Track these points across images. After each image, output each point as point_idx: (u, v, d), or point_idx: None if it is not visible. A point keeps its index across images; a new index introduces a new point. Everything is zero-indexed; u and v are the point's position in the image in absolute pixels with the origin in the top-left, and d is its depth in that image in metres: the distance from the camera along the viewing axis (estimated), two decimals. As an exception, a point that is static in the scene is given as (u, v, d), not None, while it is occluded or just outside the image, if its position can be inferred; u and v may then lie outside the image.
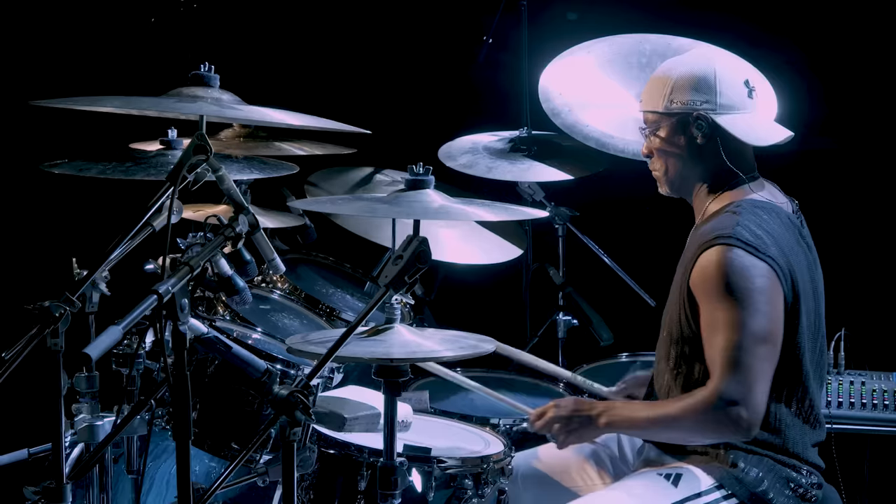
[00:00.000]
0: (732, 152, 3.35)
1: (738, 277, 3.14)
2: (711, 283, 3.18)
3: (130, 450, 3.41)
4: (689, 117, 3.34)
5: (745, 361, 3.10)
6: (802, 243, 3.37)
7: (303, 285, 4.42)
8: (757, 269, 3.15)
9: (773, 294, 3.16)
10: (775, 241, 3.22)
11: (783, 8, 5.41)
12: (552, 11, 5.43)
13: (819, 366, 3.36)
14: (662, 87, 3.38)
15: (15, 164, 5.13)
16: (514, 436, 3.99)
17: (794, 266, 3.24)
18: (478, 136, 4.64)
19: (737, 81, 3.36)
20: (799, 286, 3.23)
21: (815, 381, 3.33)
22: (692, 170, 3.41)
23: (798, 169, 5.31)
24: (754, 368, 3.11)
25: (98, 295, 3.12)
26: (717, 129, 3.32)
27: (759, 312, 3.13)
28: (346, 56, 5.91)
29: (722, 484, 3.24)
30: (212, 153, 2.79)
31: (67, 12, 5.54)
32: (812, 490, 3.28)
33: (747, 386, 3.10)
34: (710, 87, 3.32)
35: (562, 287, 4.68)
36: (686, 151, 3.39)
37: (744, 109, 3.35)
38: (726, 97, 3.32)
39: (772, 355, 3.16)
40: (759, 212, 3.28)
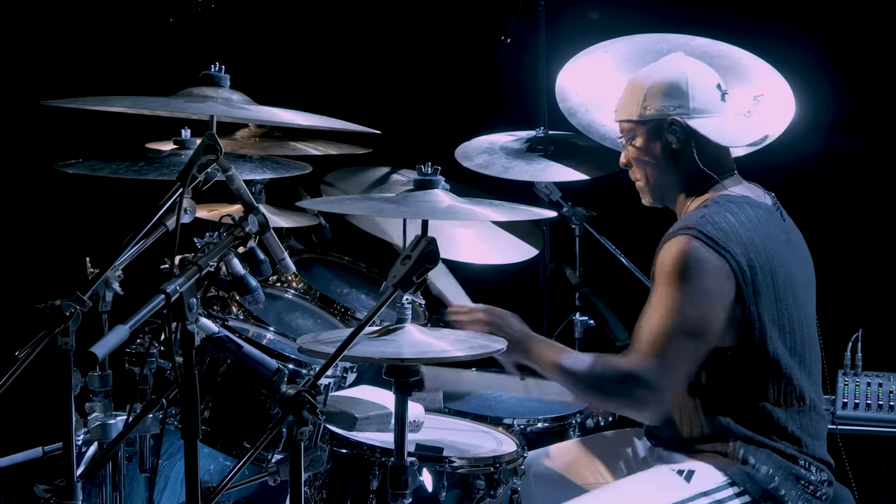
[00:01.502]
0: (708, 155, 3.41)
1: (688, 268, 3.21)
2: (663, 269, 3.26)
3: (143, 448, 3.43)
4: (664, 123, 3.41)
5: (668, 350, 3.18)
6: (783, 237, 3.38)
7: (317, 285, 4.41)
8: (709, 264, 3.20)
9: (718, 292, 3.20)
10: (740, 236, 3.24)
11: (807, 6, 5.38)
12: (570, 11, 5.42)
13: (808, 358, 3.35)
14: (636, 95, 3.45)
15: (30, 163, 5.15)
16: (529, 436, 3.99)
17: (770, 258, 3.27)
18: (494, 136, 4.64)
19: (709, 85, 3.43)
20: (770, 277, 3.26)
21: (804, 374, 3.32)
22: (670, 176, 3.47)
23: (823, 169, 5.30)
24: (673, 359, 3.19)
25: (111, 294, 3.13)
26: (692, 132, 3.38)
27: (695, 305, 3.19)
28: (363, 56, 5.92)
29: (734, 481, 3.26)
30: (222, 153, 2.81)
31: (83, 12, 5.57)
32: (822, 487, 3.29)
33: (661, 371, 3.17)
34: (683, 92, 3.39)
35: (578, 287, 4.66)
36: (662, 158, 3.45)
37: (716, 112, 3.41)
38: (699, 101, 3.39)
39: (696, 349, 3.21)
40: (730, 206, 3.32)
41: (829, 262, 3.66)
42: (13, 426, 4.14)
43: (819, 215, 3.70)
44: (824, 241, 3.68)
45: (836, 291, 3.69)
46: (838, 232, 3.61)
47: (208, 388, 3.50)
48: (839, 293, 3.74)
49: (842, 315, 4.13)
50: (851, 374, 4.35)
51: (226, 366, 3.49)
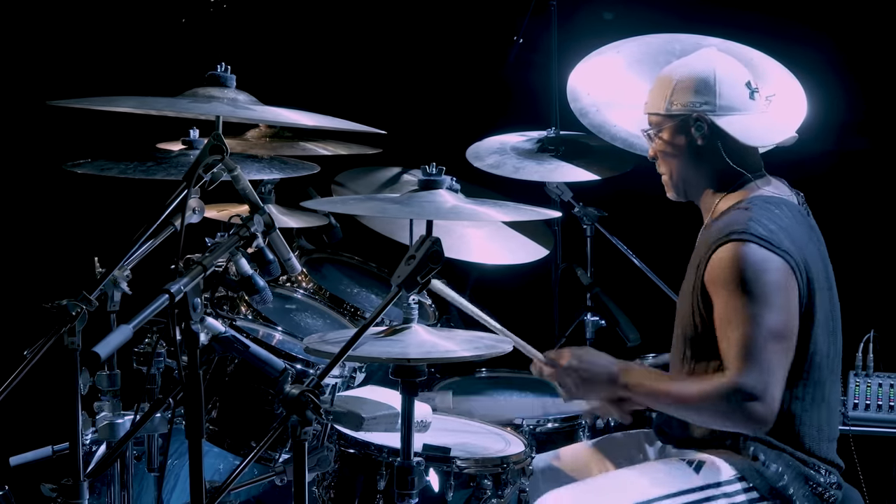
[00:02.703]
0: (735, 152, 3.38)
1: (753, 272, 3.15)
2: (726, 278, 3.18)
3: (151, 448, 3.43)
4: (689, 118, 3.37)
5: (762, 356, 3.10)
6: (813, 235, 3.37)
7: (327, 285, 4.43)
8: (771, 263, 3.16)
9: (788, 289, 3.17)
10: (788, 235, 3.22)
11: (820, 7, 5.36)
12: (582, 11, 5.41)
13: (834, 361, 3.34)
14: (664, 89, 3.43)
15: (39, 164, 5.17)
16: (539, 436, 3.99)
17: (808, 258, 3.24)
18: (506, 137, 4.64)
19: (738, 83, 3.39)
20: (813, 279, 3.23)
21: (830, 377, 3.31)
22: (695, 171, 3.44)
23: (834, 169, 5.28)
24: (770, 363, 3.11)
25: (120, 294, 3.13)
26: (717, 129, 3.35)
27: (775, 307, 3.13)
28: (375, 57, 5.92)
29: (744, 476, 3.25)
30: (227, 153, 2.82)
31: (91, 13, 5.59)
32: (831, 490, 3.27)
33: (763, 381, 3.09)
34: (710, 89, 3.36)
35: (589, 287, 4.65)
36: (687, 153, 3.42)
37: (744, 110, 3.38)
38: (726, 98, 3.35)
39: (787, 351, 3.16)
40: (770, 206, 3.29)
41: (840, 262, 3.64)
42: (24, 425, 4.16)
43: (830, 216, 3.67)
44: (836, 242, 3.65)
45: (848, 292, 3.66)
46: (849, 232, 3.59)
47: (216, 388, 3.51)
48: (851, 294, 3.72)
49: (853, 316, 4.09)
50: (863, 374, 4.34)
51: (233, 366, 3.50)
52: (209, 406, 3.52)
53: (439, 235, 2.93)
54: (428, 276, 2.83)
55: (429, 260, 2.81)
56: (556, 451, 3.75)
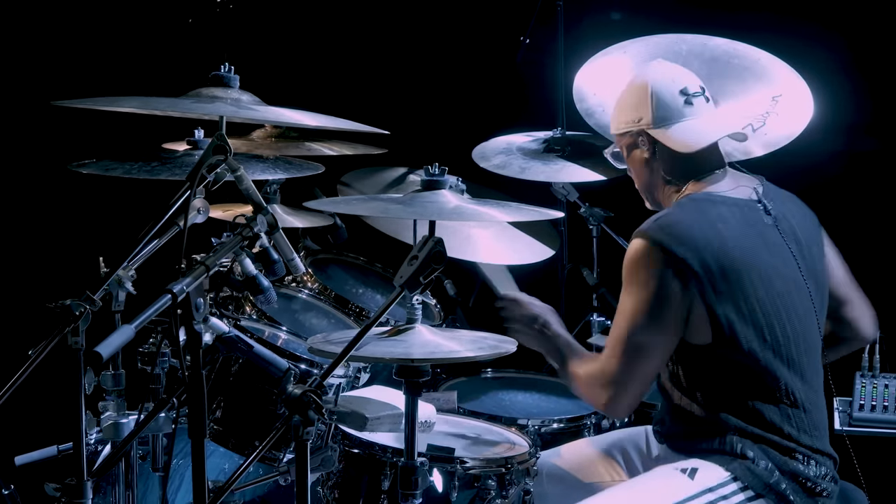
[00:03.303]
0: (676, 160, 3.46)
1: (636, 267, 3.30)
2: (624, 270, 3.35)
3: (156, 447, 3.44)
4: (633, 134, 3.51)
5: (623, 352, 3.28)
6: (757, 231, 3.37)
7: (333, 285, 4.43)
8: (657, 267, 3.25)
9: (668, 295, 3.24)
10: (699, 235, 3.26)
11: (829, 8, 5.35)
12: (588, 12, 5.41)
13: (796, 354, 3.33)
14: (616, 109, 3.58)
15: (45, 164, 5.18)
16: (545, 437, 3.99)
17: (736, 256, 3.27)
18: (512, 137, 4.63)
19: (670, 92, 3.46)
20: (736, 275, 3.26)
21: (789, 371, 3.31)
22: (653, 182, 3.55)
23: (842, 170, 5.27)
24: (628, 361, 3.29)
25: (124, 294, 3.14)
26: (655, 142, 3.47)
27: (647, 310, 3.26)
28: (381, 57, 5.92)
29: (737, 476, 3.26)
30: (231, 153, 2.82)
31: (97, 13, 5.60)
32: (822, 482, 3.27)
33: (620, 374, 3.30)
34: (644, 104, 3.47)
35: (595, 288, 4.67)
36: (641, 167, 3.56)
37: (679, 118, 3.45)
38: (660, 110, 3.45)
39: (650, 352, 3.30)
40: (690, 206, 3.36)
41: (848, 263, 3.64)
42: (29, 425, 4.16)
43: (838, 216, 3.67)
44: (843, 243, 3.65)
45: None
46: (857, 233, 3.59)
47: (221, 388, 3.51)
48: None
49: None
50: (869, 375, 4.32)
51: (238, 365, 3.50)
52: (213, 406, 3.52)
53: (445, 236, 2.94)
54: (431, 277, 2.83)
55: (431, 260, 2.82)
56: (558, 448, 3.76)
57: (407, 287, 2.83)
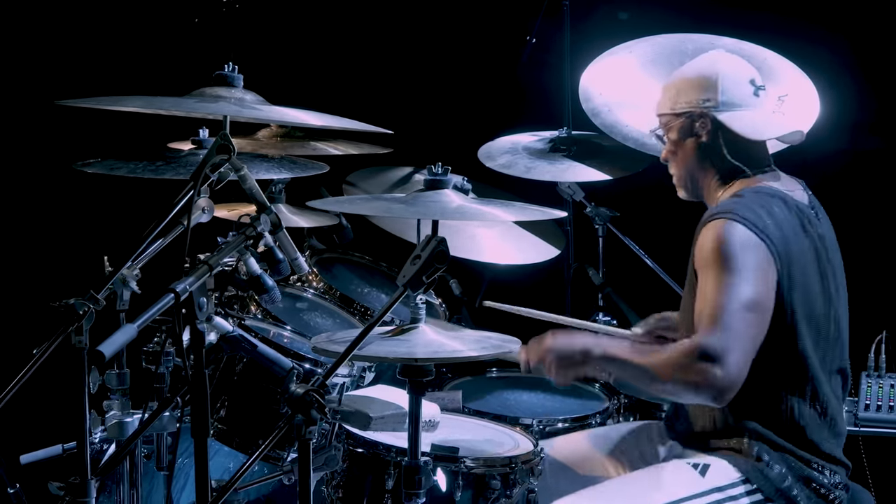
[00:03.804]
0: (737, 147, 3.41)
1: (732, 247, 3.18)
2: (707, 253, 3.22)
3: (160, 446, 3.44)
4: (693, 115, 3.42)
5: (728, 322, 3.08)
6: (811, 234, 3.36)
7: (338, 284, 4.43)
8: (752, 242, 3.19)
9: (765, 269, 3.18)
10: (776, 224, 3.24)
11: (833, 7, 5.35)
12: (595, 12, 5.41)
13: (829, 358, 3.33)
14: (672, 90, 3.49)
15: (50, 163, 5.19)
16: (550, 436, 3.98)
17: (792, 254, 3.25)
18: (518, 136, 4.64)
19: (741, 80, 3.42)
20: (794, 276, 3.23)
21: (825, 373, 3.31)
22: (701, 168, 3.47)
23: (847, 169, 5.27)
24: (737, 330, 3.09)
25: (129, 293, 3.14)
26: (719, 125, 3.39)
27: (748, 281, 3.15)
28: (389, 56, 5.93)
29: (748, 478, 3.25)
30: (234, 153, 2.82)
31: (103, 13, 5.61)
32: (835, 491, 3.27)
33: (726, 346, 3.05)
34: (713, 86, 3.40)
35: (601, 287, 4.66)
36: (694, 150, 3.46)
37: (747, 106, 3.40)
38: (728, 94, 3.39)
39: (756, 324, 3.14)
40: (763, 196, 3.32)
41: (852, 262, 3.63)
42: (35, 423, 4.17)
43: (842, 215, 3.66)
44: (847, 242, 3.65)
45: (860, 293, 3.66)
46: (862, 232, 3.58)
47: (225, 387, 3.52)
48: (863, 294, 3.71)
49: (865, 316, 4.08)
50: (875, 375, 4.31)
51: (242, 365, 3.51)
52: (218, 405, 3.52)
53: (450, 235, 2.94)
54: (434, 276, 2.83)
55: (434, 260, 2.81)
56: (551, 440, 3.74)
57: (410, 286, 2.82)
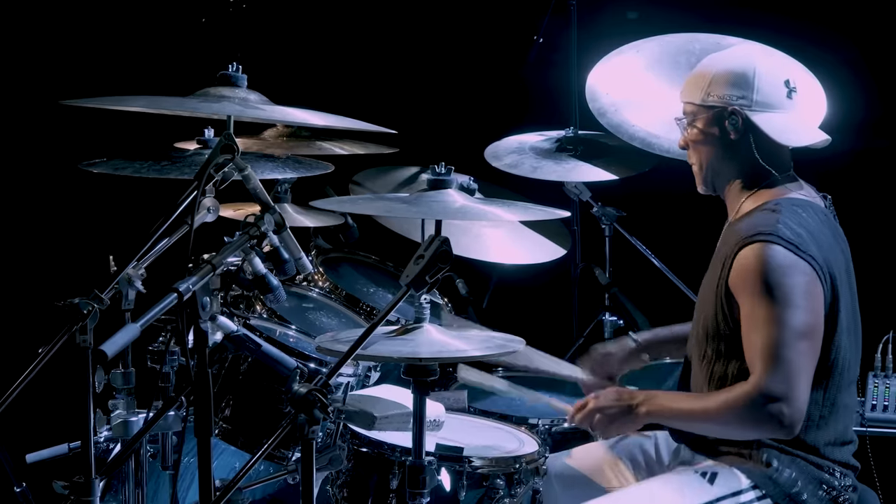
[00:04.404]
0: (766, 150, 3.33)
1: (779, 274, 3.12)
2: (751, 279, 3.15)
3: (166, 446, 3.45)
4: (724, 111, 3.33)
5: (787, 357, 3.07)
6: (839, 239, 3.35)
7: (344, 284, 4.43)
8: (797, 266, 3.13)
9: (812, 291, 3.14)
10: (814, 240, 3.19)
11: (839, 7, 5.34)
12: (602, 11, 5.41)
13: (854, 364, 3.32)
14: (702, 80, 3.38)
15: (56, 163, 5.21)
16: (555, 436, 3.98)
17: (832, 263, 3.22)
18: (524, 136, 4.63)
19: (776, 80, 3.34)
20: (837, 283, 3.21)
21: (847, 378, 3.29)
22: (725, 165, 3.40)
23: (854, 168, 5.26)
24: (796, 364, 3.08)
25: (134, 293, 3.14)
26: (751, 125, 3.30)
27: (800, 308, 3.10)
28: (396, 56, 5.93)
29: (757, 484, 3.23)
30: (238, 152, 2.83)
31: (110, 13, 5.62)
32: (845, 493, 3.26)
33: (789, 383, 3.06)
34: (748, 84, 3.30)
35: (607, 287, 4.66)
36: (719, 145, 3.37)
37: (780, 109, 3.33)
38: (763, 94, 3.30)
39: (812, 351, 3.13)
40: (797, 210, 3.25)
41: (859, 262, 3.63)
42: (42, 423, 4.18)
43: (849, 215, 3.66)
44: (854, 241, 3.64)
45: (868, 292, 3.65)
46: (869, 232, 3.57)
47: (230, 387, 3.53)
48: (870, 294, 3.70)
49: (873, 317, 4.07)
50: (882, 375, 4.31)
51: (247, 364, 3.51)
52: (223, 404, 3.53)
53: (456, 235, 2.94)
54: (437, 276, 2.83)
55: (437, 259, 2.80)
56: (570, 450, 3.74)
57: (413, 286, 2.82)
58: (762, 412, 3.08)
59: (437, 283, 2.86)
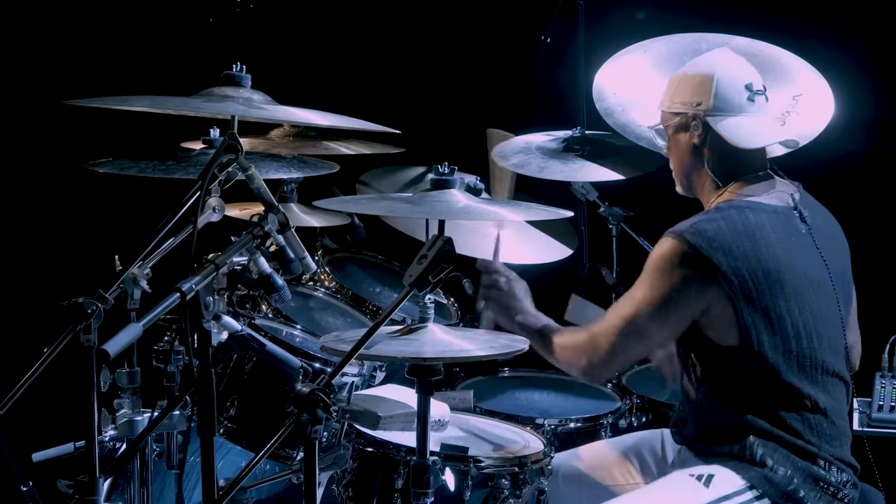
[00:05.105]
0: (728, 153, 3.41)
1: (662, 263, 3.27)
2: (648, 261, 3.32)
3: (171, 445, 3.45)
4: (687, 117, 3.44)
5: (623, 330, 3.31)
6: (801, 238, 3.35)
7: (350, 284, 4.44)
8: (683, 272, 3.23)
9: (687, 291, 3.24)
10: (734, 242, 3.23)
11: (849, 7, 5.33)
12: (609, 11, 5.40)
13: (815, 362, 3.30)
14: (671, 87, 3.52)
15: (63, 163, 5.22)
16: (561, 436, 3.99)
17: (767, 263, 3.24)
18: (531, 136, 4.62)
19: (735, 85, 3.41)
20: (766, 283, 3.23)
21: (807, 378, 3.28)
22: (693, 169, 3.50)
23: (861, 169, 5.25)
24: (618, 352, 3.35)
25: (140, 292, 3.15)
26: (709, 130, 3.40)
27: (660, 297, 3.25)
28: (403, 56, 5.93)
29: (753, 484, 3.23)
30: (242, 152, 2.83)
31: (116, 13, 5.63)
32: (843, 489, 3.25)
33: (613, 348, 3.34)
34: (707, 90, 3.40)
35: (614, 287, 4.65)
36: (688, 150, 3.48)
37: (738, 112, 3.40)
38: (721, 99, 3.39)
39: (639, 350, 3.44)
40: (730, 212, 3.31)
41: (864, 263, 3.62)
42: (48, 422, 4.19)
43: (857, 215, 3.65)
44: (861, 242, 3.64)
45: (873, 293, 3.64)
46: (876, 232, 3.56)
47: (235, 386, 3.53)
48: (876, 295, 3.70)
49: (879, 317, 4.07)
50: (889, 376, 4.29)
51: (252, 364, 3.52)
52: (228, 404, 3.54)
53: (462, 234, 2.94)
54: (440, 276, 2.83)
55: (440, 259, 2.81)
56: (576, 450, 3.74)
57: (416, 286, 2.82)
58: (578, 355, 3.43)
59: (441, 283, 2.86)
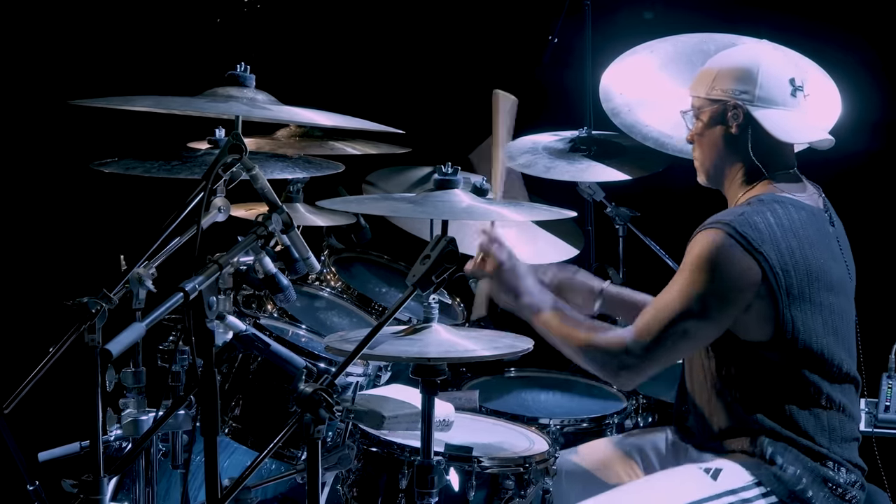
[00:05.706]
0: (765, 146, 3.37)
1: (712, 263, 3.18)
2: (691, 255, 3.24)
3: (175, 445, 3.46)
4: (727, 105, 3.38)
5: (662, 341, 3.19)
6: (830, 244, 3.35)
7: (356, 284, 4.44)
8: (735, 264, 3.18)
9: (734, 296, 3.18)
10: (780, 236, 3.21)
11: (856, 8, 5.32)
12: (616, 12, 5.40)
13: (838, 362, 3.30)
14: (710, 74, 3.44)
15: (68, 163, 5.23)
16: (567, 436, 3.99)
17: (808, 261, 3.23)
18: (538, 136, 4.62)
19: (781, 78, 3.37)
20: (806, 281, 3.22)
21: (830, 378, 3.28)
22: (725, 159, 3.44)
23: (868, 169, 5.24)
24: (664, 350, 3.21)
25: (145, 292, 3.15)
26: (751, 120, 3.35)
27: (707, 305, 3.18)
28: (410, 56, 5.93)
29: (761, 481, 3.23)
30: (246, 152, 2.83)
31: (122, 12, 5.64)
32: (851, 490, 3.25)
33: (656, 351, 3.20)
34: (752, 79, 3.35)
35: (621, 288, 4.64)
36: (721, 140, 3.42)
37: (782, 106, 3.36)
38: (765, 91, 3.35)
39: (687, 347, 3.27)
40: (773, 205, 3.28)
41: (870, 264, 3.61)
42: (54, 421, 4.20)
43: (863, 215, 3.65)
44: (868, 242, 3.63)
45: (881, 293, 3.64)
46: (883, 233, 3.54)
47: (239, 386, 3.53)
48: (884, 295, 3.69)
49: (886, 317, 4.06)
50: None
51: (256, 364, 3.52)
52: (232, 404, 3.54)
53: (468, 235, 2.94)
54: (444, 276, 2.83)
55: (444, 259, 2.81)
56: (576, 447, 3.74)
57: (419, 286, 2.83)
58: (612, 363, 3.24)
59: (444, 283, 2.86)
